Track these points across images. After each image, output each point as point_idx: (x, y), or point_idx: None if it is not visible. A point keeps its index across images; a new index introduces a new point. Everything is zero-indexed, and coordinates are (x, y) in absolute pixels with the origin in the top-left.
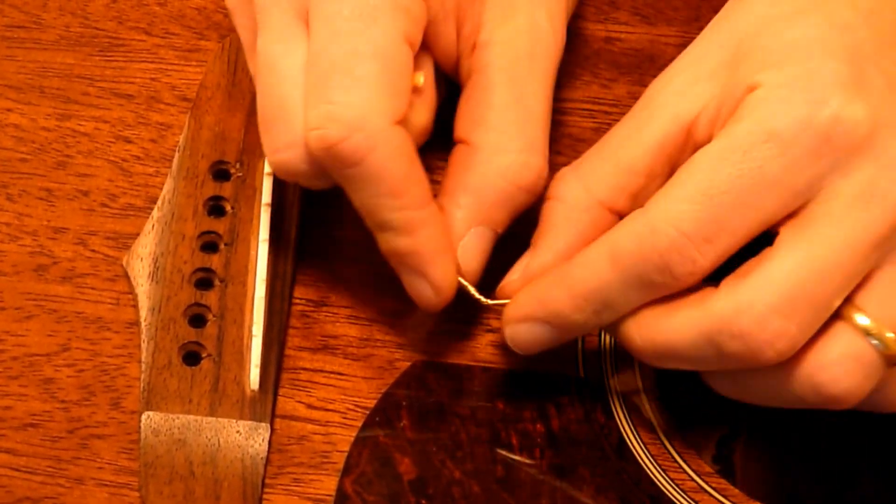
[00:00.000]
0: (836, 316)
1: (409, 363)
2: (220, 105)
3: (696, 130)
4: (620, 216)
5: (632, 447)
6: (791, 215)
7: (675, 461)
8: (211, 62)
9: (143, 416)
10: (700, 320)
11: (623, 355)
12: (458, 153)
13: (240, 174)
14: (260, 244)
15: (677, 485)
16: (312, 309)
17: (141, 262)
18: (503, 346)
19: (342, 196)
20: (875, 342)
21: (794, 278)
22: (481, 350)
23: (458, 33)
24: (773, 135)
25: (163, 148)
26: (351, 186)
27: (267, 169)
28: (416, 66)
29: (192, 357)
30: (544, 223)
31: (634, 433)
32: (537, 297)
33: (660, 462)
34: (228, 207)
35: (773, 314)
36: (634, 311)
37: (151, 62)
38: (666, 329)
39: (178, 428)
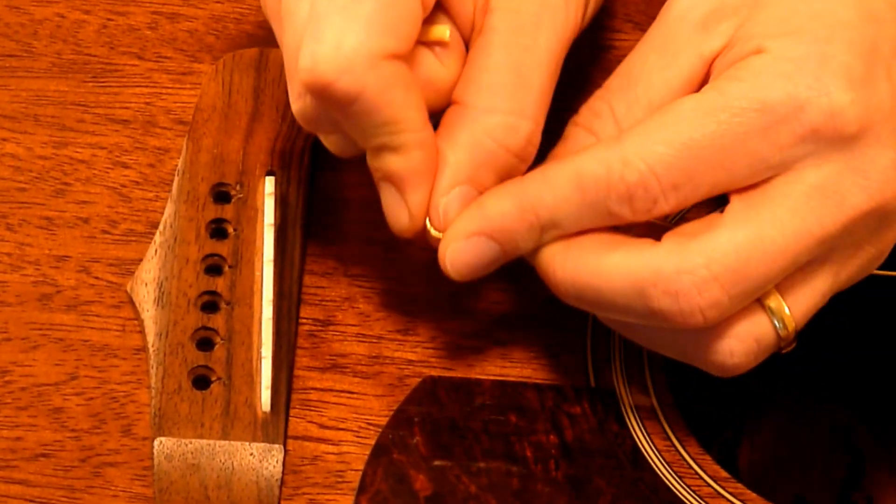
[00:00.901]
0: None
1: (419, 379)
2: (217, 127)
3: (714, 67)
4: None
5: (647, 455)
6: (751, 186)
7: (691, 467)
8: (205, 84)
9: (156, 442)
10: (636, 269)
11: (633, 363)
12: (449, 113)
13: (240, 195)
14: (265, 265)
15: (694, 491)
16: (319, 328)
17: (145, 287)
18: (513, 359)
19: (344, 213)
20: (777, 324)
21: (741, 253)
22: (491, 363)
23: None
24: (766, 106)
25: (161, 172)
26: (348, 122)
27: (268, 189)
28: (440, 23)
29: (201, 381)
30: (571, 151)
31: (648, 441)
32: (485, 212)
33: (675, 469)
34: (231, 229)
35: (714, 282)
36: (562, 242)
37: (145, 86)
38: (595, 269)
39: (192, 453)
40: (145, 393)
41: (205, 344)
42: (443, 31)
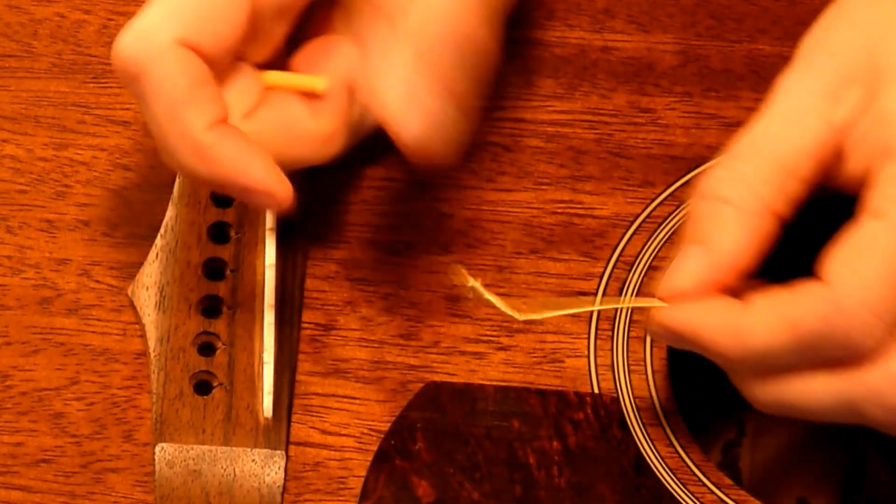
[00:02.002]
0: None
1: (421, 384)
2: None
3: (847, 141)
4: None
5: (650, 462)
6: None
7: (694, 474)
8: None
9: (157, 448)
10: (845, 387)
11: (635, 369)
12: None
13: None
14: (267, 269)
15: (697, 498)
16: (321, 333)
17: (146, 291)
18: (515, 365)
19: (346, 217)
20: None
21: None
22: (493, 369)
23: None
24: None
25: (162, 175)
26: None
27: None
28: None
29: (203, 386)
30: (711, 225)
31: (652, 447)
32: (697, 326)
33: (679, 476)
34: (232, 233)
35: None
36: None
37: None
38: (800, 390)
39: (193, 459)
40: (146, 398)
41: (206, 349)
42: (318, 82)
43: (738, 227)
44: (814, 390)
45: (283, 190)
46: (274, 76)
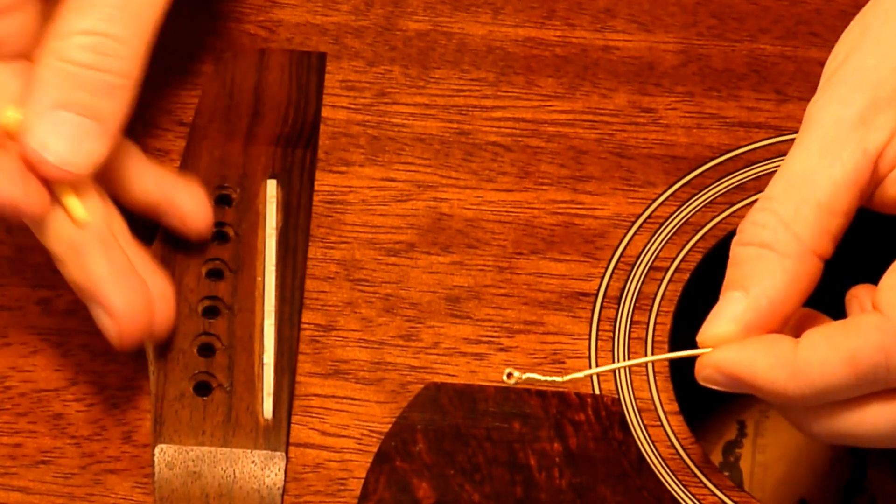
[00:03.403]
0: None
1: (421, 385)
2: (218, 129)
3: (882, 163)
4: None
5: (651, 463)
6: None
7: (696, 476)
8: (206, 85)
9: (157, 450)
10: None
11: (637, 370)
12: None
13: (242, 199)
14: (267, 270)
15: (698, 500)
16: (321, 334)
17: None
18: (517, 365)
19: (346, 217)
20: None
21: None
22: (494, 370)
23: None
24: None
25: None
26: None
27: (270, 193)
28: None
29: (203, 387)
30: (752, 270)
31: (653, 449)
32: (751, 366)
33: (680, 478)
34: (232, 233)
35: None
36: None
37: (146, 87)
38: (857, 421)
39: (193, 460)
40: (146, 399)
41: (206, 350)
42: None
43: (780, 272)
44: (871, 420)
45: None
46: None
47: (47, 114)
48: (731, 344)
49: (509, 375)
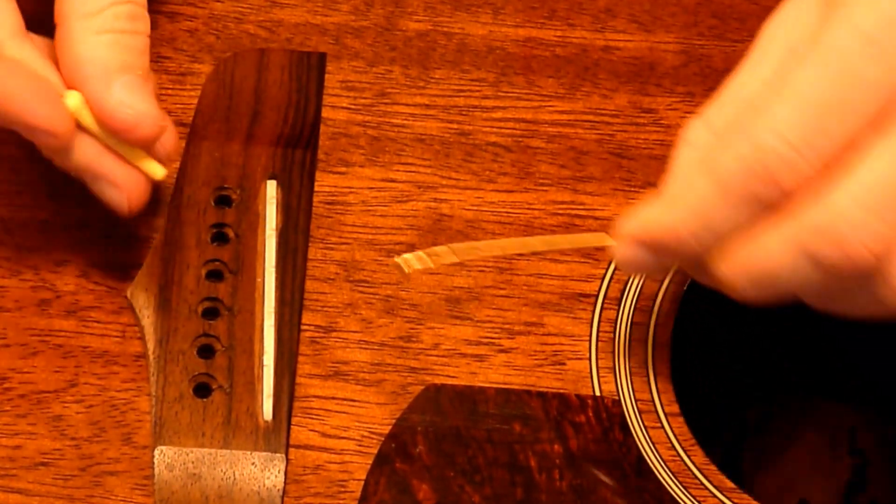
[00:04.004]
0: None
1: (422, 387)
2: (218, 129)
3: None
4: None
5: (651, 465)
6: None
7: (696, 477)
8: (205, 85)
9: (157, 451)
10: (794, 235)
11: (637, 371)
12: (56, 40)
13: (242, 200)
14: (267, 271)
15: (699, 501)
16: (321, 335)
17: (146, 293)
18: (516, 367)
19: (346, 218)
20: None
21: (880, 177)
22: (495, 371)
23: None
24: (866, 37)
25: None
26: None
27: (270, 194)
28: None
29: (202, 389)
30: (673, 168)
31: (654, 450)
32: (640, 220)
33: (681, 479)
34: (232, 234)
35: (870, 216)
36: (719, 247)
37: None
38: (757, 254)
39: (193, 462)
40: (146, 400)
41: (206, 351)
42: (157, 169)
43: (694, 166)
44: (769, 247)
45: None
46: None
47: (115, 81)
48: (629, 217)
49: (403, 261)
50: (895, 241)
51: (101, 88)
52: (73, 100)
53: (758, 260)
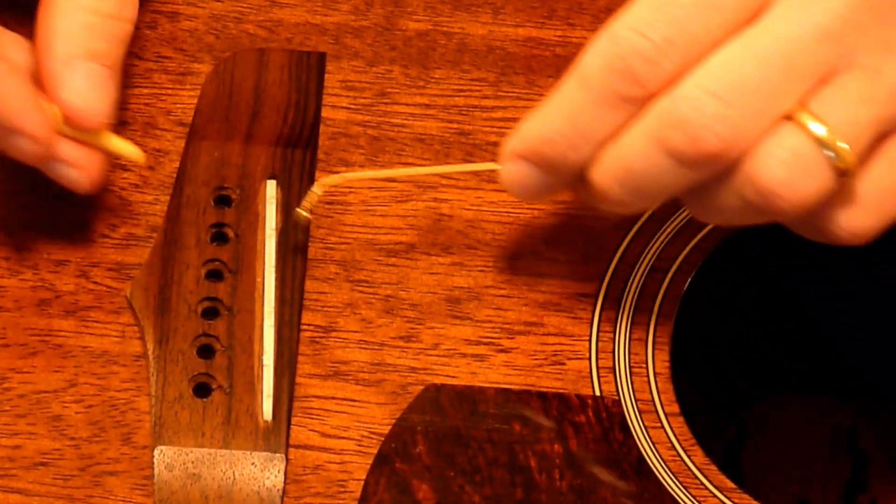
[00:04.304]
0: (786, 118)
1: (422, 387)
2: (218, 129)
3: None
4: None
5: (651, 465)
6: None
7: (696, 478)
8: (205, 85)
9: (156, 451)
10: (648, 127)
11: (637, 371)
12: (40, 5)
13: (241, 199)
14: (267, 271)
15: (699, 502)
16: (321, 335)
17: (145, 293)
18: (516, 367)
19: (346, 218)
20: (828, 153)
21: (730, 65)
22: (495, 371)
23: None
24: None
25: (161, 175)
26: None
27: (270, 193)
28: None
29: (202, 389)
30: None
31: (654, 450)
32: (519, 134)
33: (681, 479)
34: (231, 234)
35: (709, 97)
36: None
37: (145, 87)
38: (620, 153)
39: (192, 462)
40: (145, 400)
41: (206, 351)
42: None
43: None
44: (630, 144)
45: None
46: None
47: (77, 64)
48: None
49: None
50: (748, 130)
51: (60, 68)
52: None
53: (621, 159)
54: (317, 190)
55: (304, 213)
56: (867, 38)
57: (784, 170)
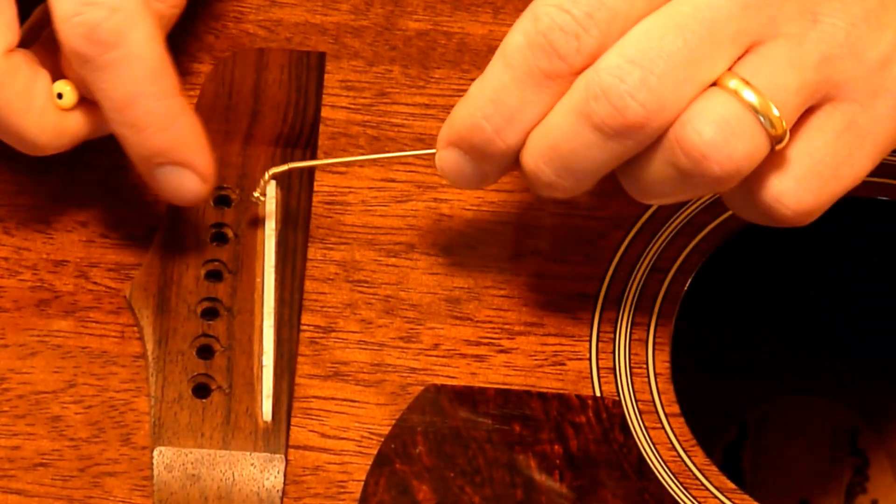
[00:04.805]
0: (715, 85)
1: (422, 388)
2: (217, 129)
3: None
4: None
5: (652, 465)
6: None
7: (697, 478)
8: (205, 85)
9: (156, 452)
10: (568, 100)
11: (637, 372)
12: None
13: (241, 200)
14: (266, 271)
15: (700, 502)
16: (321, 335)
17: (145, 293)
18: (517, 367)
19: (346, 218)
20: (759, 117)
21: (651, 33)
22: (495, 372)
23: None
24: None
25: None
26: (112, 74)
27: (270, 193)
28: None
29: (202, 389)
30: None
31: (654, 451)
32: (448, 120)
33: (681, 480)
34: (231, 234)
35: (630, 65)
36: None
37: None
38: (545, 132)
39: (192, 463)
40: (145, 401)
41: (205, 351)
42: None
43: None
44: (555, 121)
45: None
46: None
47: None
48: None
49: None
50: (672, 97)
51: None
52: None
53: (547, 138)
54: (267, 178)
55: (257, 195)
56: (789, 6)
57: (714, 132)
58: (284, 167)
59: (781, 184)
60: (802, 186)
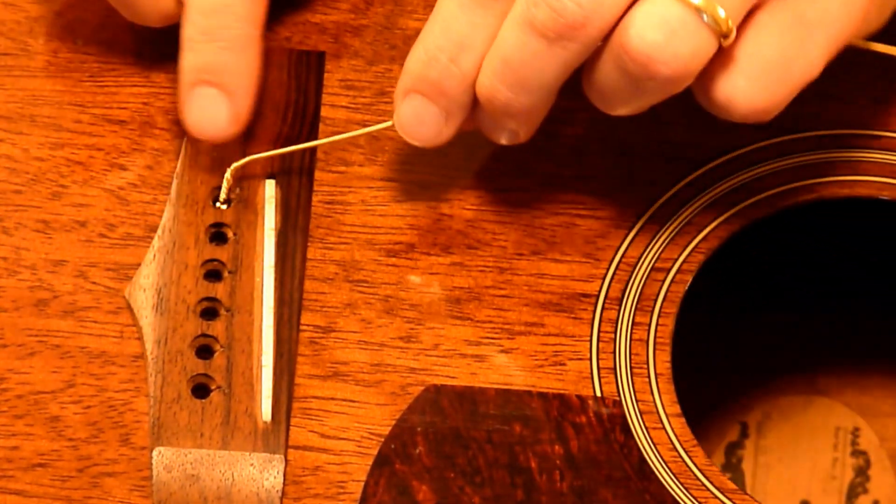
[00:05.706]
0: None
1: (421, 388)
2: None
3: None
4: None
5: (653, 466)
6: None
7: (698, 479)
8: None
9: (155, 452)
10: (513, 14)
11: (638, 372)
12: None
13: (241, 199)
14: (266, 271)
15: (700, 503)
16: (321, 335)
17: (144, 293)
18: (518, 367)
19: (346, 217)
20: (706, 18)
21: None
22: (495, 372)
23: None
24: None
25: (159, 174)
26: None
27: (269, 193)
28: None
29: (201, 390)
30: None
31: (654, 451)
32: (404, 70)
33: (682, 480)
34: (230, 234)
35: None
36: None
37: (143, 86)
38: (496, 50)
39: (191, 463)
40: (144, 401)
41: (204, 351)
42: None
43: None
44: (503, 37)
45: None
46: None
47: None
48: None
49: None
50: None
51: None
52: None
53: (498, 54)
54: (228, 176)
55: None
56: None
57: (656, 34)
58: (242, 161)
59: (733, 83)
60: (754, 84)
